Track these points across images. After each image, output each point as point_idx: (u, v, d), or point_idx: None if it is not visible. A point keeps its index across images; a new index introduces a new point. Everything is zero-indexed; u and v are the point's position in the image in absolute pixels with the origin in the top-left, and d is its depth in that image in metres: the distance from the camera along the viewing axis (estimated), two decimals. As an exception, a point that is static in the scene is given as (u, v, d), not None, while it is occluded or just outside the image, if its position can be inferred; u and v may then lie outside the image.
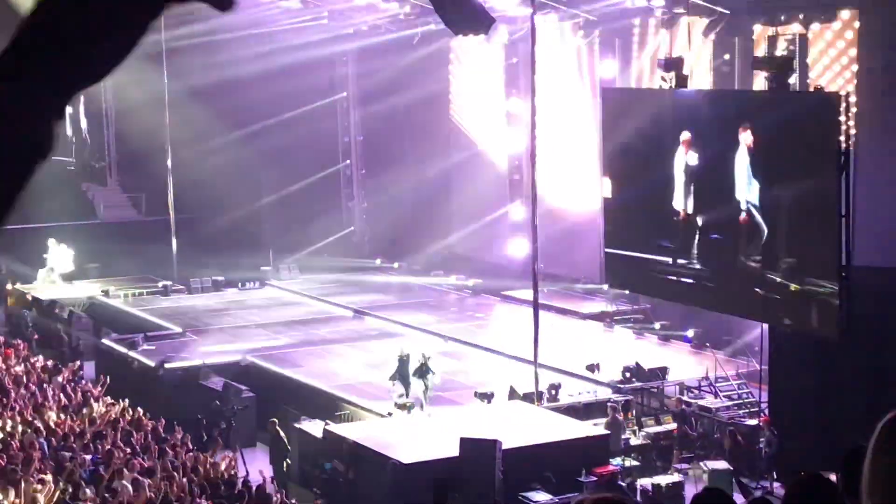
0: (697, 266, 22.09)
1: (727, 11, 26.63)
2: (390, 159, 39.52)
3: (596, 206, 28.31)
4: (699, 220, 21.91)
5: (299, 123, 39.18)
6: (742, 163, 20.61)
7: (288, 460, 21.71)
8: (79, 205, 41.26)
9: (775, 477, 20.73)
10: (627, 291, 29.42)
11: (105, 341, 29.55)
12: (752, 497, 19.08)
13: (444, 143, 38.42)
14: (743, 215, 20.78)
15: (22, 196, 1.64)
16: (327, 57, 39.57)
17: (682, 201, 22.03)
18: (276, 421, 22.62)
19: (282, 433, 22.16)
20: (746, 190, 20.59)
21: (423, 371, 23.02)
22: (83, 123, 42.35)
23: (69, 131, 42.24)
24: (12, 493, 15.89)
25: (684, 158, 21.86)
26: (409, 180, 38.27)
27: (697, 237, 22.02)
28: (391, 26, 37.16)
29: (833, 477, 4.34)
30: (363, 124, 41.80)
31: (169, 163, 37.09)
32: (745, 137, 20.36)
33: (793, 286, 19.82)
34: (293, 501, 17.45)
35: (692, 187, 21.92)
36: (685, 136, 21.66)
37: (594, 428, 22.13)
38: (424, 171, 37.79)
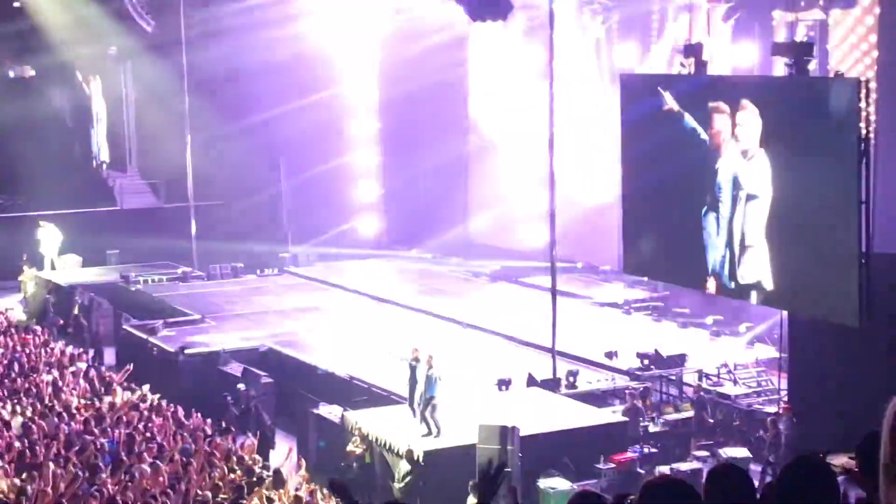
0: (717, 253, 22.00)
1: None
2: (407, 145, 39.49)
3: (614, 193, 28.22)
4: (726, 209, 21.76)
5: (316, 109, 39.19)
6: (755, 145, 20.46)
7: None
8: (98, 192, 41.42)
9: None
10: (645, 278, 29.38)
11: (125, 327, 29.66)
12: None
13: (461, 129, 38.37)
14: (758, 202, 20.68)
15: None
16: (346, 42, 39.56)
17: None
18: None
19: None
20: (758, 174, 20.47)
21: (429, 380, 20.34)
22: (103, 109, 42.49)
23: (95, 119, 42.47)
24: (34, 478, 15.99)
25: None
26: (426, 166, 38.23)
27: (722, 223, 21.87)
28: (409, 11, 37.10)
29: (841, 459, 4.35)
30: (380, 110, 41.75)
31: (188, 150, 37.18)
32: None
33: (812, 273, 19.75)
34: (312, 485, 17.50)
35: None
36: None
37: (612, 415, 22.14)
38: (442, 156, 37.74)
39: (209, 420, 20.77)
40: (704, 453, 21.53)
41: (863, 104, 18.40)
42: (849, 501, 5.19)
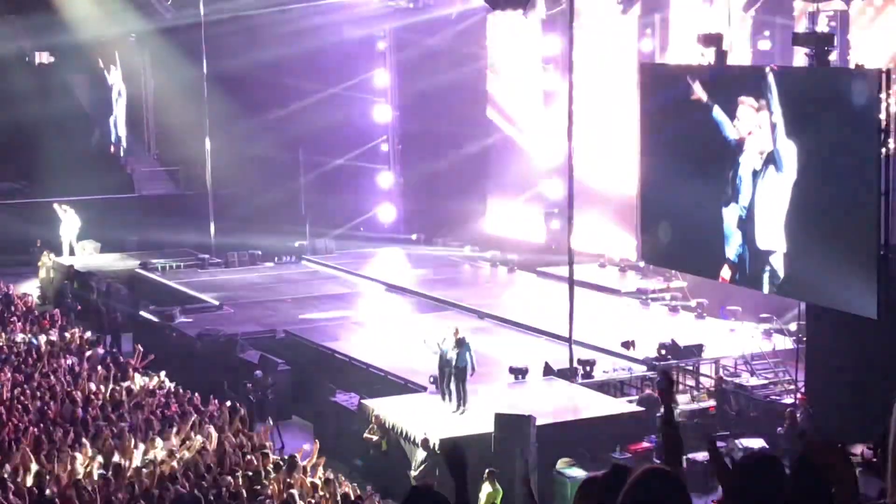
0: (735, 244, 21.96)
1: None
2: (426, 134, 39.47)
3: (633, 183, 28.19)
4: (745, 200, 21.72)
5: (336, 98, 39.22)
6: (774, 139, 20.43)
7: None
8: (117, 179, 41.55)
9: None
10: (663, 268, 29.30)
11: (143, 313, 29.77)
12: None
13: (480, 118, 38.30)
14: (777, 193, 20.63)
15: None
16: (365, 33, 39.55)
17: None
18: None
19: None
20: (778, 166, 20.44)
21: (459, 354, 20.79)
22: (123, 97, 42.59)
23: (114, 106, 42.59)
24: (52, 462, 16.07)
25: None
26: (445, 155, 38.21)
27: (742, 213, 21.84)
28: (429, 1, 37.06)
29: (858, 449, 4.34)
30: (399, 99, 41.72)
31: (207, 138, 37.24)
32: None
33: (831, 264, 19.68)
34: (328, 472, 17.54)
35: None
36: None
37: (629, 405, 22.12)
38: (460, 146, 37.71)
39: (227, 405, 20.81)
40: (721, 444, 21.49)
41: (883, 95, 18.32)
42: (867, 492, 5.17)
